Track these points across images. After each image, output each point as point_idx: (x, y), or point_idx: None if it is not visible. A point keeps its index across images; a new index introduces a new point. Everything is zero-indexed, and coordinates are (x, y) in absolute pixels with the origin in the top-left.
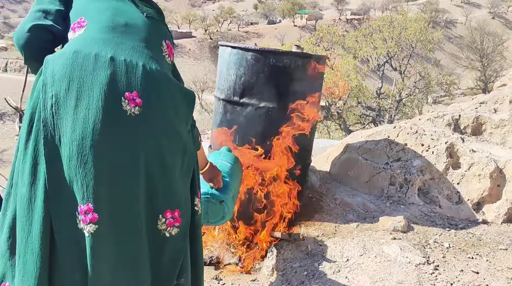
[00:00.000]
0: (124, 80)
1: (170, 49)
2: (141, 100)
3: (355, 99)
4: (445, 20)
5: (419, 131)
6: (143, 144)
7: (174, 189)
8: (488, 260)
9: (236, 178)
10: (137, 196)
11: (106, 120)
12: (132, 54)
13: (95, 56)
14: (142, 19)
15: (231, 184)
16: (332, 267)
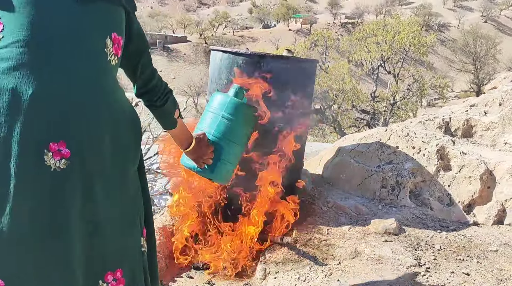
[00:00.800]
0: (48, 126)
1: (118, 43)
2: (68, 151)
3: (349, 103)
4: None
5: (410, 134)
6: (71, 203)
7: (115, 247)
8: (478, 262)
9: (236, 135)
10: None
11: (25, 180)
12: (60, 82)
13: (11, 94)
14: (74, 9)
15: (225, 152)
16: (324, 270)
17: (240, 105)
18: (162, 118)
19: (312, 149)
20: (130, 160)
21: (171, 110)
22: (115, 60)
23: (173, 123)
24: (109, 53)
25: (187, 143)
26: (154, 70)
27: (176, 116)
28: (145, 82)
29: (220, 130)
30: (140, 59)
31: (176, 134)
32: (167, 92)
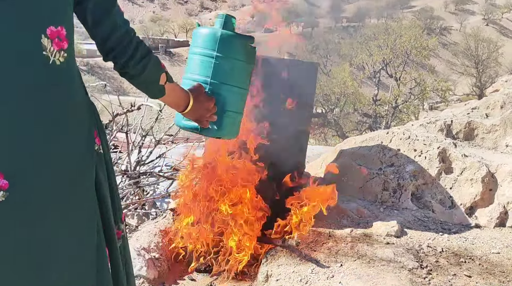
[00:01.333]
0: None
1: (58, 35)
2: (7, 182)
3: (351, 106)
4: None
5: (412, 136)
6: (12, 238)
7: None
8: (480, 264)
9: (237, 77)
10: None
11: None
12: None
13: None
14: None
15: (229, 101)
16: (326, 272)
17: (234, 38)
18: (144, 88)
19: (314, 151)
20: (77, 181)
21: (153, 78)
22: (63, 55)
23: (160, 91)
24: (50, 54)
25: (184, 104)
26: (119, 20)
27: (163, 83)
28: (104, 35)
29: (217, 75)
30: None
31: (168, 101)
32: (144, 54)
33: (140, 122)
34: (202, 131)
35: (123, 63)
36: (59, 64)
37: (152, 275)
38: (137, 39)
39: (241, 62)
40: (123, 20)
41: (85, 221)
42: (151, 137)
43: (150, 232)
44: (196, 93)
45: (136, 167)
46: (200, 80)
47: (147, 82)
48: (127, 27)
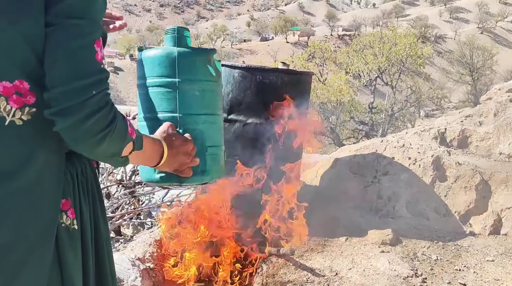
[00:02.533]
0: None
1: (18, 90)
2: None
3: (348, 114)
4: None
5: (406, 145)
6: None
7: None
8: (475, 272)
9: (211, 102)
10: None
11: None
12: None
13: None
14: None
15: (207, 135)
16: (321, 281)
17: (195, 56)
18: (99, 159)
19: (309, 160)
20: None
21: (112, 151)
22: (29, 112)
23: (122, 162)
24: (7, 114)
25: (157, 158)
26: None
27: (126, 154)
28: (56, 77)
29: (186, 106)
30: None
31: (135, 163)
32: (105, 125)
33: None
34: (184, 181)
35: (68, 127)
36: (20, 125)
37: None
38: (100, 98)
39: (209, 82)
40: (96, 70)
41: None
42: None
43: (145, 242)
44: (168, 138)
45: (131, 176)
46: (165, 119)
47: (105, 156)
48: (99, 78)
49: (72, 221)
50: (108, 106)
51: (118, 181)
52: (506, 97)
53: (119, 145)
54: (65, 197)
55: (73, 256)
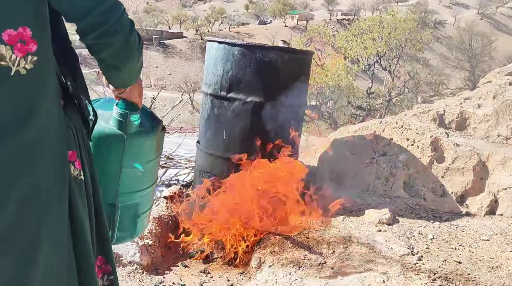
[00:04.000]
0: None
1: (21, 37)
2: None
3: (345, 99)
4: (434, 21)
5: (405, 126)
6: None
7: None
8: (470, 251)
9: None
10: None
11: None
12: None
13: None
14: None
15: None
16: (318, 258)
17: (144, 140)
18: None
19: (307, 142)
20: (43, 219)
21: (139, 66)
22: (31, 61)
23: (134, 81)
24: (12, 64)
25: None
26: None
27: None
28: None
29: (127, 187)
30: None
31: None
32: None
33: None
34: (117, 241)
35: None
36: (24, 74)
37: (145, 262)
38: (127, 16)
39: (153, 161)
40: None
41: (54, 257)
42: None
43: None
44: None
45: None
46: (107, 194)
47: (139, 69)
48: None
49: (79, 171)
50: (132, 22)
51: None
52: (506, 80)
53: (141, 59)
54: (71, 148)
55: (82, 205)
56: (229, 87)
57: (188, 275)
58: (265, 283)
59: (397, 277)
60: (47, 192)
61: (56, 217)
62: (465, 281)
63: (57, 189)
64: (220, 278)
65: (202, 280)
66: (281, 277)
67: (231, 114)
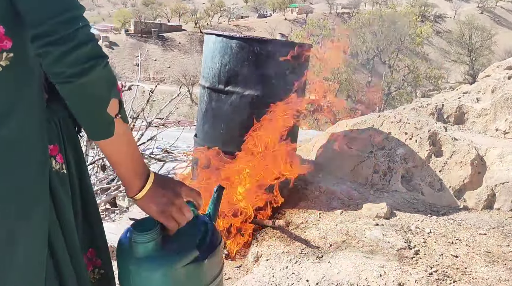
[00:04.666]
0: None
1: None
2: None
3: (345, 93)
4: (434, 14)
5: (403, 120)
6: None
7: None
8: (467, 245)
9: None
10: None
11: None
12: None
13: None
14: None
15: None
16: (316, 252)
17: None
18: (82, 109)
19: (306, 136)
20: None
21: (101, 93)
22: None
23: (107, 125)
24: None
25: (141, 176)
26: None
27: (112, 113)
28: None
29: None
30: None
31: (118, 156)
32: (94, 53)
33: (131, 104)
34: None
35: (58, 56)
36: (0, 71)
37: None
38: (87, 32)
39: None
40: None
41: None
42: (142, 121)
43: (141, 212)
44: (159, 175)
45: None
46: None
47: (90, 97)
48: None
49: (61, 165)
50: (95, 40)
51: None
52: (505, 75)
53: (106, 86)
54: (52, 142)
55: (65, 200)
56: (226, 80)
57: None
58: (262, 276)
59: (394, 271)
60: (26, 191)
61: (35, 218)
62: (462, 275)
63: (36, 188)
64: None
65: None
66: (278, 271)
67: (228, 108)
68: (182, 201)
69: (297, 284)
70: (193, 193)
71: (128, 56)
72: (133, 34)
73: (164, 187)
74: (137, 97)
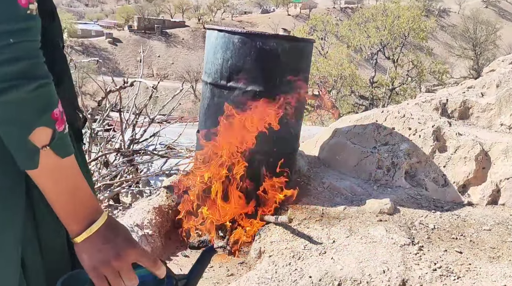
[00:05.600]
0: None
1: None
2: None
3: (348, 88)
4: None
5: (407, 115)
6: None
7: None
8: (471, 241)
9: None
10: None
11: None
12: None
13: None
14: None
15: None
16: (319, 248)
17: None
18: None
19: (309, 132)
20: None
21: (20, 117)
22: None
23: (28, 153)
24: None
25: (85, 217)
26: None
27: (38, 143)
28: None
29: None
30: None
31: (51, 190)
32: (23, 68)
33: (134, 100)
34: None
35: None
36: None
37: None
38: (26, 49)
39: None
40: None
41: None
42: (145, 117)
43: (144, 209)
44: (113, 225)
45: (130, 145)
46: None
47: (7, 119)
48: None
49: None
50: (35, 59)
51: (116, 149)
52: (510, 69)
53: (32, 111)
54: None
55: (49, 217)
56: (229, 76)
57: (188, 265)
58: (265, 272)
59: (397, 267)
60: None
61: (3, 245)
62: (466, 271)
63: (6, 210)
64: (220, 268)
65: None
66: (281, 267)
67: (231, 104)
68: (123, 265)
69: (300, 280)
70: (146, 260)
71: (132, 52)
72: (137, 30)
73: (107, 241)
74: (141, 93)
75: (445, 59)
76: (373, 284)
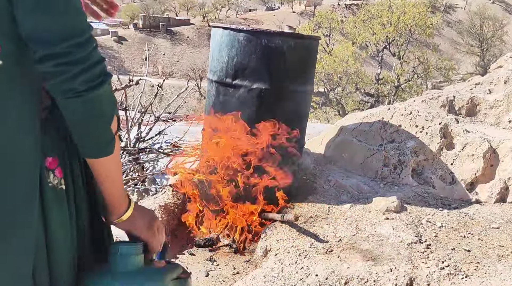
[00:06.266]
0: None
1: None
2: None
3: (353, 85)
4: (445, 4)
5: (414, 112)
6: None
7: None
8: (480, 239)
9: None
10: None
11: None
12: None
13: None
14: None
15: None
16: (325, 246)
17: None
18: (88, 124)
19: (315, 130)
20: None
21: (107, 109)
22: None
23: (109, 142)
24: None
25: (126, 196)
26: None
27: (113, 130)
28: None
29: None
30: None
31: (108, 175)
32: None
33: (140, 98)
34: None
35: (73, 75)
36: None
37: None
38: (98, 52)
39: None
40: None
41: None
42: (151, 115)
43: (150, 207)
44: (139, 206)
45: (135, 143)
46: None
47: (96, 112)
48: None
49: (60, 180)
50: (103, 59)
51: (122, 147)
52: None
53: (111, 102)
54: (51, 155)
55: (59, 217)
56: (234, 74)
57: (194, 263)
58: (271, 271)
59: (404, 266)
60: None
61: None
62: (474, 269)
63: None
64: (226, 266)
65: (208, 268)
66: (287, 265)
67: (236, 102)
68: (159, 224)
69: (306, 278)
70: (161, 226)
71: (137, 51)
72: (142, 28)
73: (143, 213)
74: (146, 91)
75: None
76: (380, 283)
